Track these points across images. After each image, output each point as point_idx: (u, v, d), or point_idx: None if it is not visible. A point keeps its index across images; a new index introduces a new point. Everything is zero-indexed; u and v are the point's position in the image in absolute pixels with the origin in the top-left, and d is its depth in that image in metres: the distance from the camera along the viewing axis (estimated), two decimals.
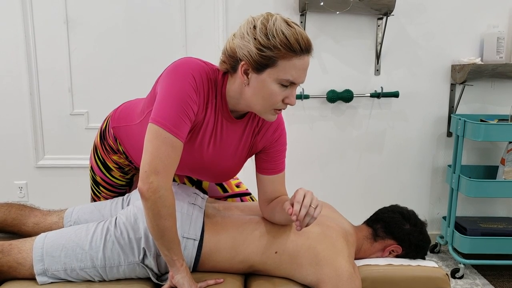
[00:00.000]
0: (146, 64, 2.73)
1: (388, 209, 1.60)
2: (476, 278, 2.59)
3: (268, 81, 1.20)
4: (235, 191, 1.75)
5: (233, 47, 1.23)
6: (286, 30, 1.17)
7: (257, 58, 1.18)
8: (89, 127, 2.80)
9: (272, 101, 1.23)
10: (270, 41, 1.16)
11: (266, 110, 1.26)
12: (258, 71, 1.20)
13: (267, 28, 1.17)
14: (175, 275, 1.29)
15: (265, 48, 1.17)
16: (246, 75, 1.23)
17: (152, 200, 1.21)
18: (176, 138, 1.21)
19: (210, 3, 2.70)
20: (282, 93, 1.22)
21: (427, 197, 2.99)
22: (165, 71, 1.28)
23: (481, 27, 2.77)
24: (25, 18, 2.67)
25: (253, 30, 1.19)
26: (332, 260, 1.34)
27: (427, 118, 2.89)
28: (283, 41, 1.16)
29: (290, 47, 1.16)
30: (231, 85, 1.29)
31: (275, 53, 1.17)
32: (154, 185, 1.20)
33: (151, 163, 1.20)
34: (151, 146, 1.21)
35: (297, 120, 2.84)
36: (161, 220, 1.23)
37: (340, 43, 2.77)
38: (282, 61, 1.18)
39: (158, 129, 1.21)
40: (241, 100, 1.29)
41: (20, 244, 1.37)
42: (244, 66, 1.21)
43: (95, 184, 1.69)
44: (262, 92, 1.22)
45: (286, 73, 1.19)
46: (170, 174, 1.23)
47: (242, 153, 1.42)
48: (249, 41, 1.19)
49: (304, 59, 1.20)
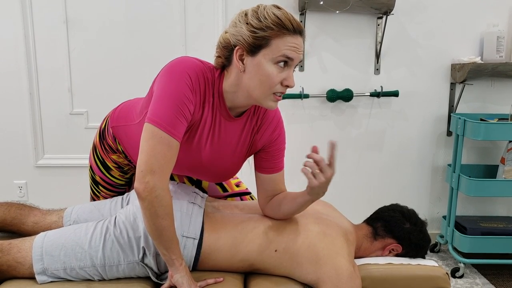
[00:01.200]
0: (145, 63, 2.73)
1: (388, 208, 1.60)
2: (476, 277, 2.59)
3: (264, 62, 1.20)
4: (235, 190, 1.74)
5: (226, 38, 1.25)
6: (277, 11, 1.20)
7: (250, 40, 1.19)
8: (88, 127, 2.80)
9: (270, 83, 1.22)
10: (262, 23, 1.18)
11: (266, 95, 1.25)
12: (252, 53, 1.21)
13: (258, 12, 1.20)
14: (174, 275, 1.29)
15: (258, 30, 1.18)
16: (241, 61, 1.23)
17: (148, 200, 1.20)
18: (172, 138, 1.21)
19: (210, 3, 2.70)
20: (280, 74, 1.22)
21: (427, 196, 2.99)
22: (162, 71, 1.28)
23: (481, 26, 2.77)
24: (25, 18, 2.67)
25: (245, 17, 1.22)
26: (332, 259, 1.34)
27: (427, 117, 2.88)
28: (275, 20, 1.18)
29: (282, 25, 1.18)
30: (227, 80, 1.29)
31: (268, 33, 1.18)
32: (150, 185, 1.19)
33: (147, 162, 1.20)
34: (147, 146, 1.21)
35: (297, 119, 2.84)
36: (158, 219, 1.23)
37: (340, 42, 2.77)
38: (276, 39, 1.19)
39: (154, 128, 1.20)
40: (239, 92, 1.28)
41: (19, 243, 1.37)
42: (239, 51, 1.22)
43: (94, 183, 1.69)
44: (259, 75, 1.22)
45: (280, 50, 1.19)
46: (166, 174, 1.23)
47: (241, 152, 1.41)
48: (241, 27, 1.21)
49: (297, 38, 1.21)
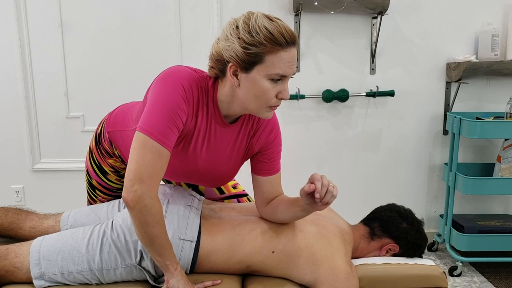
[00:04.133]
0: (141, 66, 2.73)
1: (385, 208, 1.60)
2: (474, 275, 2.60)
3: (258, 78, 1.20)
4: (232, 192, 1.74)
5: (219, 51, 1.23)
6: (268, 25, 1.17)
7: (244, 57, 1.17)
8: (85, 130, 2.79)
9: (265, 98, 1.22)
10: (255, 38, 1.16)
11: (261, 108, 1.25)
12: (246, 70, 1.20)
13: (250, 26, 1.17)
14: (170, 279, 1.29)
15: (250, 46, 1.16)
16: (235, 76, 1.22)
17: (137, 209, 1.20)
18: (163, 147, 1.21)
19: (205, 4, 2.70)
20: (274, 88, 1.22)
21: (424, 195, 2.99)
22: (155, 80, 1.28)
23: (475, 25, 2.78)
24: (20, 22, 2.67)
25: (236, 30, 1.19)
26: (329, 260, 1.35)
27: (423, 116, 2.89)
28: (268, 36, 1.16)
29: (275, 41, 1.16)
30: (221, 90, 1.28)
31: (261, 49, 1.16)
32: (138, 194, 1.19)
33: (136, 171, 1.19)
34: (136, 155, 1.20)
35: (293, 120, 2.85)
36: (149, 227, 1.22)
37: (335, 43, 2.78)
38: (269, 56, 1.17)
39: (145, 137, 1.20)
40: (233, 103, 1.28)
41: (17, 248, 1.37)
42: (232, 67, 1.21)
43: (91, 187, 1.68)
44: (254, 90, 1.21)
45: (275, 67, 1.18)
46: (156, 183, 1.22)
47: (237, 156, 1.42)
48: (233, 42, 1.18)
49: (291, 51, 1.19)
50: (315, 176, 1.23)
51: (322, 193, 1.21)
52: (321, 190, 1.21)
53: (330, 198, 1.23)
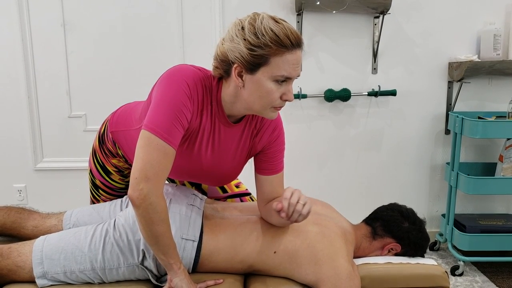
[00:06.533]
0: (143, 65, 2.73)
1: (386, 207, 1.60)
2: (476, 275, 2.59)
3: (263, 79, 1.20)
4: (235, 191, 1.75)
5: (224, 52, 1.23)
6: (274, 26, 1.16)
7: (249, 59, 1.17)
8: (87, 130, 2.80)
9: (270, 99, 1.23)
10: (260, 40, 1.16)
11: (265, 109, 1.26)
12: (251, 72, 1.20)
13: (255, 27, 1.17)
14: (173, 279, 1.29)
15: (256, 47, 1.16)
16: (240, 77, 1.22)
17: (143, 207, 1.20)
18: (169, 145, 1.21)
19: (207, 4, 2.70)
20: (279, 90, 1.22)
21: (426, 195, 2.99)
22: (160, 79, 1.28)
23: (477, 24, 2.78)
24: (22, 21, 2.67)
25: (242, 31, 1.18)
26: (331, 259, 1.35)
27: (425, 116, 2.89)
28: (273, 38, 1.15)
29: (280, 43, 1.16)
30: (226, 90, 1.29)
31: (266, 51, 1.16)
32: (144, 192, 1.19)
33: (142, 169, 1.19)
34: (142, 153, 1.20)
35: (295, 119, 2.85)
36: (154, 226, 1.23)
37: (337, 42, 2.78)
38: (275, 58, 1.17)
39: (150, 135, 1.20)
40: (237, 103, 1.28)
41: (19, 247, 1.37)
42: (237, 68, 1.21)
43: (94, 187, 1.69)
44: (258, 91, 1.22)
45: (280, 69, 1.18)
46: (161, 181, 1.23)
47: (241, 156, 1.42)
48: (239, 43, 1.18)
49: (296, 53, 1.19)
50: (286, 193, 1.24)
51: (289, 213, 1.23)
52: (287, 209, 1.23)
53: (299, 217, 1.24)
